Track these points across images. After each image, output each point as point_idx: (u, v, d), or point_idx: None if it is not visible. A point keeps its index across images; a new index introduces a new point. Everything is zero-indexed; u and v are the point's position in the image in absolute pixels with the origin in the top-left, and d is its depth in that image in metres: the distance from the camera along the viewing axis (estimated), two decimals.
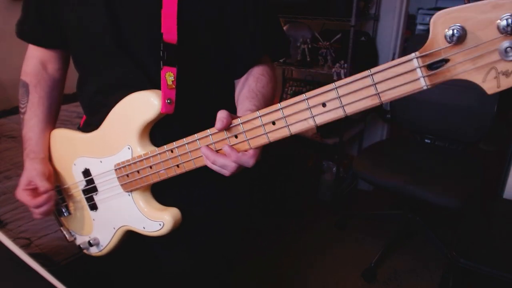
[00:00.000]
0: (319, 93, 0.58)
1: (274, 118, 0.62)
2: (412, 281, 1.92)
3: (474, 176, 1.81)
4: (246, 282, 1.89)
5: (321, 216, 2.40)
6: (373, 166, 1.95)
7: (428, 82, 0.51)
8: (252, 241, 2.15)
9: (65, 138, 0.90)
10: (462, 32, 0.47)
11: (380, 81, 0.53)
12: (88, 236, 0.92)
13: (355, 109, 0.56)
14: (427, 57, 0.50)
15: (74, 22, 0.81)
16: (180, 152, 0.72)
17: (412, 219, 2.09)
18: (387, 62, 0.53)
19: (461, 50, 0.48)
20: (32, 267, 0.65)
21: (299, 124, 0.61)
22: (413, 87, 0.52)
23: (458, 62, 0.49)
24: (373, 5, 2.42)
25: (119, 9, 0.76)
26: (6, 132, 2.05)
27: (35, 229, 1.31)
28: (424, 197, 1.73)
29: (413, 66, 0.51)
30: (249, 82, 0.82)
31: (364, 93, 0.55)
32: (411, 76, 0.51)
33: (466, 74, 0.49)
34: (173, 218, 0.79)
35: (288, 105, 0.60)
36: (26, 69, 0.92)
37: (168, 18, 0.73)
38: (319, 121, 0.59)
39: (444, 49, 0.49)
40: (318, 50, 2.46)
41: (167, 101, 0.74)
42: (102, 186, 0.85)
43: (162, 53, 0.73)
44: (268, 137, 0.63)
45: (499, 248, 1.32)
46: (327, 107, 0.58)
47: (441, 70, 0.50)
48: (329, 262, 2.04)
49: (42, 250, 1.23)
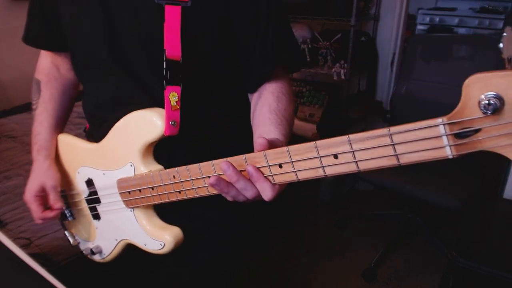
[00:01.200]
0: (331, 144, 0.52)
1: (282, 161, 0.57)
2: (412, 281, 1.92)
3: (474, 176, 1.81)
4: (246, 282, 1.89)
5: (321, 216, 2.40)
6: None
7: (455, 151, 0.45)
8: (251, 241, 2.15)
9: (71, 144, 0.89)
10: (500, 102, 0.41)
11: (399, 142, 0.48)
12: (91, 243, 0.91)
13: (371, 166, 0.51)
14: (456, 125, 0.44)
15: (73, 34, 0.79)
16: (182, 179, 0.69)
17: (412, 219, 2.09)
18: (409, 124, 0.47)
19: (497, 123, 0.42)
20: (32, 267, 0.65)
21: (307, 172, 0.56)
22: (436, 154, 0.46)
23: (492, 136, 0.43)
24: (373, 5, 2.42)
25: (118, 22, 0.73)
26: (6, 132, 2.05)
27: (35, 229, 1.31)
28: (424, 197, 1.73)
29: (438, 132, 0.45)
30: (269, 101, 0.75)
31: (381, 151, 0.50)
32: (435, 142, 0.46)
33: (500, 149, 0.43)
34: (174, 238, 0.76)
35: (297, 151, 0.55)
36: (39, 66, 0.92)
37: (171, 32, 0.68)
38: (330, 172, 0.54)
39: (477, 119, 0.43)
40: (318, 50, 2.46)
41: (171, 123, 0.70)
42: (105, 198, 0.84)
43: (165, 72, 0.68)
44: (274, 179, 0.59)
45: (499, 248, 1.32)
46: (339, 159, 0.53)
47: (471, 140, 0.44)
48: (329, 262, 2.04)
49: (42, 250, 1.23)
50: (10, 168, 1.72)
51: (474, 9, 4.30)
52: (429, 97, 1.99)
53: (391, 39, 2.49)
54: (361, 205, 2.53)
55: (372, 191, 2.63)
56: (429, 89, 2.00)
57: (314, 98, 2.59)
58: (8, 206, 1.43)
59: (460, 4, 4.41)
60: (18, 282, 0.66)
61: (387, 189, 1.90)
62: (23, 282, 0.66)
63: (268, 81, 0.77)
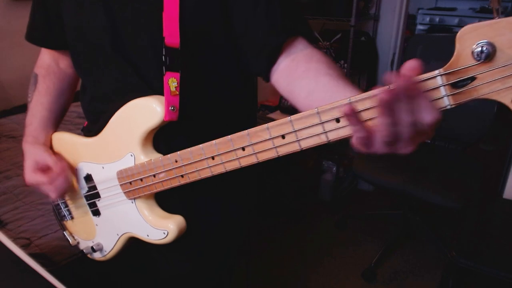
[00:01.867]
0: (333, 107, 0.52)
1: (285, 131, 0.57)
2: (412, 281, 1.92)
3: (474, 176, 1.81)
4: (245, 282, 1.89)
5: (321, 216, 2.40)
6: (373, 166, 1.95)
7: (452, 101, 0.47)
8: (251, 241, 2.15)
9: (67, 142, 0.89)
10: (491, 49, 0.43)
11: None
12: (91, 241, 0.91)
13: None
14: (452, 75, 0.46)
15: (73, 26, 0.80)
16: (184, 162, 0.69)
17: (412, 219, 2.09)
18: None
19: (490, 69, 0.44)
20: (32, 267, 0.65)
21: (311, 139, 0.56)
22: (436, 106, 0.48)
23: (486, 82, 0.45)
24: (373, 5, 2.42)
25: (118, 13, 0.74)
26: (6, 132, 2.05)
27: (35, 229, 1.31)
28: (424, 197, 1.73)
29: (436, 83, 0.47)
30: (321, 71, 0.66)
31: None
32: (434, 94, 0.47)
33: (494, 94, 0.45)
34: (177, 226, 0.76)
35: (299, 119, 0.55)
36: (39, 62, 0.93)
37: (170, 21, 0.69)
38: (332, 137, 0.54)
39: (471, 67, 0.45)
40: None
41: (170, 108, 0.70)
42: (105, 192, 0.84)
43: (165, 58, 0.69)
44: (277, 151, 0.59)
45: (499, 248, 1.32)
46: (341, 122, 0.53)
47: (467, 89, 0.46)
48: (329, 262, 2.04)
49: (42, 250, 1.23)
50: (10, 168, 1.72)
51: (474, 9, 4.31)
52: None
53: (391, 39, 2.49)
54: (361, 205, 2.53)
55: (372, 191, 2.63)
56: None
57: None
58: (8, 206, 1.43)
59: (460, 4, 4.42)
60: (18, 282, 0.66)
61: (387, 189, 1.90)
62: (23, 282, 0.66)
63: (294, 60, 0.69)
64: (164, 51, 0.69)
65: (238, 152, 0.63)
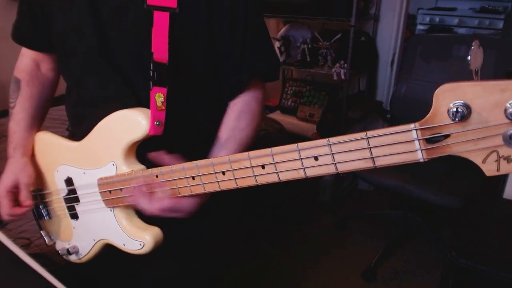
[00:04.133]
0: (312, 146, 0.55)
1: (265, 162, 0.59)
2: (412, 281, 1.92)
3: (474, 176, 1.81)
4: (246, 282, 1.89)
5: (321, 217, 2.40)
6: None
7: (426, 155, 0.49)
8: (251, 242, 2.15)
9: (50, 142, 0.89)
10: (467, 110, 0.44)
11: (376, 145, 0.51)
12: (67, 243, 0.90)
13: (348, 169, 0.54)
14: (427, 131, 0.48)
15: (61, 30, 0.80)
16: (165, 178, 0.69)
17: (412, 219, 2.09)
18: (385, 128, 0.51)
19: (464, 129, 0.45)
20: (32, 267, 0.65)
21: (289, 173, 0.58)
22: (409, 158, 0.50)
23: (460, 141, 0.46)
24: (373, 5, 2.42)
25: (109, 24, 0.74)
26: (6, 132, 2.05)
27: (35, 229, 1.31)
28: (424, 197, 1.73)
29: (411, 137, 0.49)
30: (231, 120, 0.79)
31: (358, 154, 0.52)
32: (408, 146, 0.49)
33: (467, 154, 0.47)
34: (154, 238, 0.75)
35: (280, 153, 0.58)
36: (20, 65, 0.93)
37: (159, 36, 0.70)
38: (310, 174, 0.57)
39: (446, 125, 0.47)
40: (318, 50, 2.46)
41: (156, 123, 0.71)
42: (84, 198, 0.83)
43: (152, 73, 0.70)
44: (256, 180, 0.61)
45: (499, 248, 1.32)
46: (319, 161, 0.55)
47: (440, 145, 0.48)
48: (329, 262, 2.04)
49: (42, 250, 1.23)
50: None
51: (474, 9, 4.31)
52: (429, 97, 1.97)
53: (391, 39, 2.49)
54: (361, 205, 2.53)
55: (372, 191, 2.63)
56: (429, 89, 1.99)
57: (314, 98, 2.59)
58: None
59: (460, 4, 4.42)
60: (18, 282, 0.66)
61: (387, 189, 1.90)
62: (23, 282, 0.65)
63: (241, 92, 0.80)
64: (152, 66, 0.70)
65: (219, 176, 0.64)
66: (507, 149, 0.44)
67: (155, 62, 0.70)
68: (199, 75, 0.79)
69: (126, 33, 0.74)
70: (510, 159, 0.44)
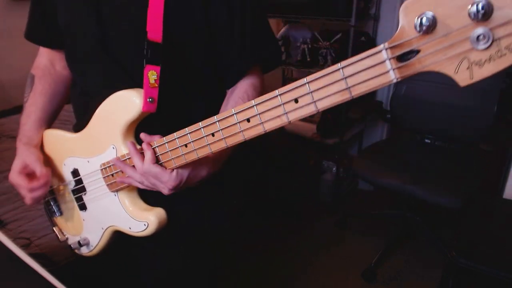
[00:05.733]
0: (291, 89, 0.56)
1: (249, 115, 0.61)
2: (412, 281, 1.92)
3: (474, 176, 1.81)
4: (246, 282, 1.89)
5: (321, 216, 2.40)
6: (373, 166, 1.95)
7: (398, 74, 0.48)
8: (252, 241, 2.15)
9: (55, 138, 0.91)
10: (432, 20, 0.43)
11: (350, 74, 0.51)
12: (79, 236, 0.92)
13: (327, 105, 0.55)
14: (396, 48, 0.47)
15: (64, 23, 0.82)
16: (160, 152, 0.71)
17: (412, 219, 2.09)
18: (357, 55, 0.50)
19: (431, 39, 0.45)
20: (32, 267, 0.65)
21: (273, 121, 0.59)
22: (382, 80, 0.49)
23: (429, 53, 0.45)
24: (373, 5, 2.42)
25: (105, 10, 0.76)
26: (6, 132, 2.05)
27: (35, 229, 1.31)
28: (424, 197, 1.73)
29: (382, 58, 0.48)
30: (230, 103, 0.80)
31: (335, 88, 0.53)
32: (380, 68, 0.49)
33: (437, 65, 0.46)
34: (157, 218, 0.77)
35: (262, 102, 0.59)
36: (36, 63, 0.95)
37: (154, 17, 0.72)
38: (292, 118, 0.58)
39: (414, 39, 0.46)
40: (318, 50, 2.46)
41: (148, 100, 0.72)
42: (90, 186, 0.85)
43: (146, 51, 0.72)
44: (244, 135, 0.62)
45: (499, 248, 1.32)
46: (299, 103, 0.56)
47: (411, 61, 0.47)
48: (329, 262, 2.04)
49: (42, 250, 1.23)
50: (10, 168, 1.72)
51: None
52: (429, 97, 1.99)
53: None
54: (361, 205, 2.53)
55: (372, 191, 2.63)
56: (429, 89, 2.00)
57: None
58: (8, 206, 1.43)
59: None
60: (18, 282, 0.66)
61: (387, 189, 1.90)
62: (23, 282, 0.66)
63: (241, 78, 0.82)
64: (146, 45, 0.72)
65: (209, 138, 0.66)
66: (477, 53, 0.42)
67: (149, 41, 0.72)
68: (195, 57, 0.80)
69: (123, 16, 0.76)
70: (481, 63, 0.43)
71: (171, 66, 0.75)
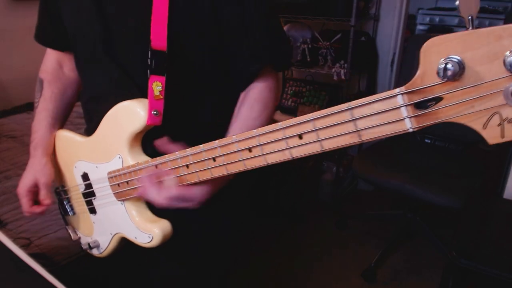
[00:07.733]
0: (295, 123, 0.51)
1: (251, 144, 0.56)
2: (412, 281, 1.92)
3: (474, 176, 1.81)
4: (246, 282, 1.89)
5: (321, 216, 2.40)
6: (373, 166, 1.95)
7: (415, 123, 0.42)
8: (252, 241, 2.15)
9: (68, 139, 0.91)
10: (459, 66, 0.37)
11: (360, 117, 0.45)
12: (90, 238, 0.92)
13: (333, 146, 0.49)
14: (415, 94, 0.41)
15: (71, 29, 0.82)
16: (164, 168, 0.69)
17: (412, 219, 2.09)
18: (369, 96, 0.44)
19: (457, 89, 0.38)
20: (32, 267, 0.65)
21: (275, 155, 0.55)
22: (397, 128, 0.43)
23: (453, 103, 0.39)
24: (373, 5, 2.42)
25: (110, 16, 0.74)
26: (6, 132, 2.05)
27: (35, 229, 1.31)
28: (424, 197, 1.73)
29: (397, 103, 0.42)
30: (243, 110, 0.76)
31: (342, 128, 0.47)
32: (395, 115, 0.43)
33: (463, 118, 0.39)
34: (162, 231, 0.75)
35: (264, 133, 0.55)
36: (43, 67, 0.94)
37: (158, 24, 0.69)
38: (296, 154, 0.53)
39: (436, 85, 0.39)
40: (318, 50, 2.46)
41: (153, 113, 0.70)
42: (99, 191, 0.84)
43: (150, 61, 0.69)
44: (245, 164, 0.59)
45: (499, 248, 1.32)
46: (303, 139, 0.51)
47: (431, 110, 0.40)
48: (329, 262, 2.04)
49: (42, 250, 1.23)
50: (10, 168, 1.72)
51: None
52: None
53: (391, 39, 2.49)
54: (361, 205, 2.53)
55: (372, 191, 2.63)
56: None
57: (314, 98, 2.59)
58: (8, 206, 1.43)
59: None
60: (18, 282, 0.66)
61: (387, 189, 1.90)
62: (23, 282, 0.66)
63: (253, 81, 0.78)
64: (150, 54, 0.69)
65: (209, 163, 0.63)
66: (511, 109, 0.36)
67: (153, 50, 0.69)
68: (202, 64, 0.77)
69: (127, 23, 0.74)
70: None
71: (177, 75, 0.72)
